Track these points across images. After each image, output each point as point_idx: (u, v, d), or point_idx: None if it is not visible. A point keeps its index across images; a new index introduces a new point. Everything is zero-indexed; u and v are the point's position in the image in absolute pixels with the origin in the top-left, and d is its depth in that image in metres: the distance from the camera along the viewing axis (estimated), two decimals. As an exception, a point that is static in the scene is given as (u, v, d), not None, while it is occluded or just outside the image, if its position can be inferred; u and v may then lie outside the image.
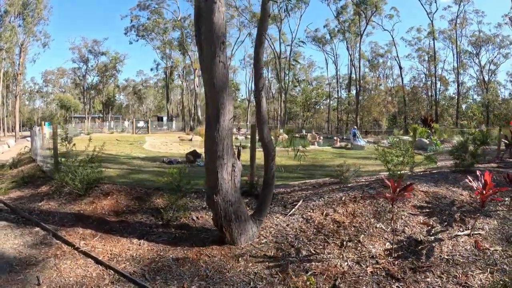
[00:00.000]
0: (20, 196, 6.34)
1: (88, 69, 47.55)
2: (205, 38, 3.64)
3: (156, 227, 4.67)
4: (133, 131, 26.92)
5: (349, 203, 4.82)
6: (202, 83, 50.62)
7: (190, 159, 10.28)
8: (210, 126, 3.70)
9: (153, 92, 76.78)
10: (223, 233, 3.88)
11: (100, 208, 5.25)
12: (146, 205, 5.40)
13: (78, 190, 5.63)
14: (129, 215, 5.03)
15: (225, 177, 3.73)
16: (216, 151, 3.66)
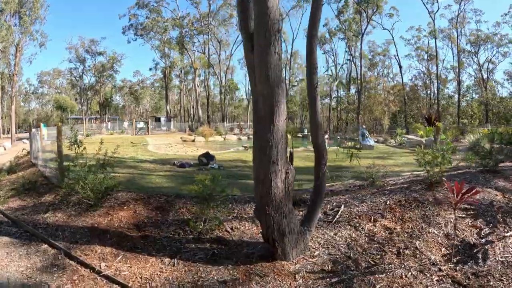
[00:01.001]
0: (21, 206, 5.62)
1: (85, 69, 46.49)
2: (258, 25, 3.18)
3: (187, 242, 4.03)
4: (133, 132, 26.11)
5: (396, 208, 4.56)
6: (199, 83, 50.12)
7: (203, 161, 9.61)
8: (261, 127, 3.26)
9: (149, 92, 75.83)
10: (275, 247, 3.42)
11: (117, 221, 4.56)
12: (170, 216, 4.75)
13: (89, 200, 4.94)
14: (153, 228, 4.37)
15: (279, 185, 3.29)
16: (269, 155, 3.21)
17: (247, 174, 8.73)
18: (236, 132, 35.81)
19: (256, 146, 3.37)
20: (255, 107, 3.36)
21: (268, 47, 3.13)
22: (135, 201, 5.23)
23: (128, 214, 4.75)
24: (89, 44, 44.97)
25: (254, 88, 3.38)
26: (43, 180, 6.90)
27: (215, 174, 4.44)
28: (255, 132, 3.37)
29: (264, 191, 3.29)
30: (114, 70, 47.94)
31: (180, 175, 8.01)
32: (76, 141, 5.22)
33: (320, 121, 4.08)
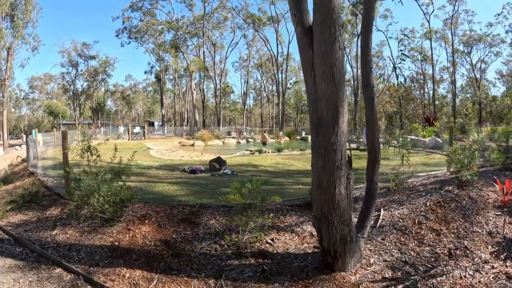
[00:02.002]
0: (23, 221, 4.97)
1: (78, 73, 45.31)
2: (321, 18, 2.95)
3: (228, 258, 3.51)
4: (129, 137, 25.30)
5: (436, 209, 4.52)
6: (195, 86, 49.45)
7: (215, 167, 9.04)
8: (323, 130, 3.05)
9: (142, 97, 74.95)
10: (336, 258, 3.19)
11: (141, 237, 3.96)
12: (200, 229, 4.20)
13: (104, 214, 4.34)
14: (184, 244, 3.81)
15: (342, 192, 3.10)
16: (333, 160, 3.02)
17: (266, 180, 8.21)
18: (234, 136, 35.27)
19: (316, 150, 3.14)
20: (314, 107, 3.10)
21: (333, 43, 2.92)
22: (156, 213, 4.64)
23: (152, 229, 4.16)
24: (82, 48, 43.91)
25: (312, 88, 3.10)
26: (45, 191, 6.23)
27: (255, 182, 3.89)
28: (315, 135, 3.12)
29: (327, 198, 3.09)
30: (107, 74, 46.95)
31: (195, 182, 7.44)
32: (90, 148, 4.59)
33: (377, 122, 3.84)
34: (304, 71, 3.22)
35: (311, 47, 3.04)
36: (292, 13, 3.22)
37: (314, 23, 3.00)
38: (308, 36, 3.06)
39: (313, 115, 3.15)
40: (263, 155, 14.72)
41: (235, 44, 51.00)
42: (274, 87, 60.40)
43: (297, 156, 14.55)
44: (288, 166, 11.31)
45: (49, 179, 6.76)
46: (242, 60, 58.53)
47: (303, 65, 3.22)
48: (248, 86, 60.11)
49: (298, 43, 3.22)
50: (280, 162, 12.23)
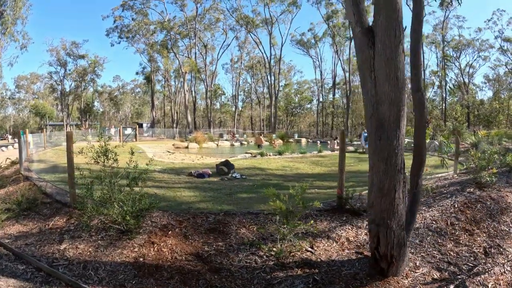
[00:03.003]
0: (22, 233, 4.36)
1: (66, 73, 43.68)
2: (386, 20, 2.89)
3: (272, 270, 3.22)
4: (120, 139, 24.37)
5: (465, 210, 4.62)
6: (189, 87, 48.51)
7: (223, 170, 8.55)
8: (385, 133, 2.98)
9: (130, 98, 73.43)
10: (392, 263, 3.12)
11: (168, 251, 3.46)
12: (232, 239, 3.81)
13: (121, 225, 3.81)
14: (220, 257, 3.40)
15: (400, 196, 3.09)
16: (395, 164, 3.00)
17: (278, 184, 7.83)
18: (228, 138, 34.72)
19: (378, 154, 3.06)
20: (373, 110, 3.04)
21: (398, 46, 2.89)
22: (178, 223, 4.14)
23: (179, 241, 3.68)
24: (71, 47, 42.42)
25: (371, 89, 3.04)
26: (44, 198, 5.60)
27: (299, 187, 3.48)
28: (377, 138, 3.04)
29: (387, 203, 3.04)
30: (96, 74, 45.54)
31: (207, 187, 6.97)
32: (106, 152, 4.04)
33: (426, 126, 3.77)
34: (362, 72, 3.14)
35: (372, 48, 2.98)
36: (349, 12, 3.15)
37: (378, 25, 2.93)
38: (368, 37, 3.00)
39: (371, 118, 3.06)
40: (266, 158, 14.31)
41: (227, 46, 50.55)
42: (264, 89, 60.35)
43: (300, 159, 14.25)
44: (295, 169, 10.98)
45: (47, 185, 6.11)
46: (232, 62, 58.05)
47: (361, 66, 3.13)
48: (238, 88, 59.54)
49: (356, 43, 3.16)
50: (285, 165, 11.87)
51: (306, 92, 65.98)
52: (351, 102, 46.87)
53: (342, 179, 5.27)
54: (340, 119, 55.91)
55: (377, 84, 2.97)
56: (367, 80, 3.07)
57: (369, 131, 3.14)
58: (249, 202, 5.70)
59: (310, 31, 49.42)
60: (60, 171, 8.31)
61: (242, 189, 7.10)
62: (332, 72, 51.87)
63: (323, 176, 9.94)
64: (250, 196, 6.29)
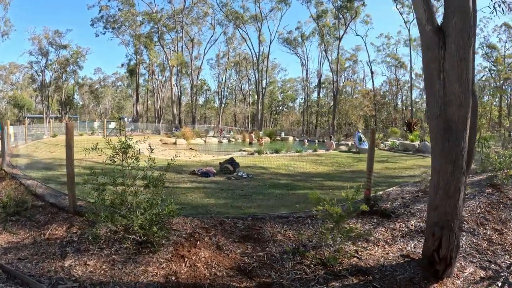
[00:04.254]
0: (12, 244, 3.61)
1: (48, 63, 41.00)
2: (460, 21, 2.86)
3: (325, 281, 2.87)
4: (104, 133, 23.13)
5: (491, 210, 4.61)
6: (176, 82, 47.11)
7: (228, 169, 7.96)
8: (454, 135, 2.95)
9: (111, 91, 70.85)
10: (449, 265, 3.11)
11: (203, 266, 2.90)
12: (271, 247, 3.40)
13: (135, 234, 3.19)
14: (265, 269, 2.96)
15: (461, 197, 3.07)
16: (461, 167, 2.98)
17: (289, 184, 7.47)
18: (215, 135, 33.91)
19: (446, 156, 3.01)
20: (441, 111, 2.98)
21: (470, 47, 2.89)
22: (205, 230, 3.59)
23: (212, 253, 3.14)
24: (54, 36, 39.84)
25: (439, 90, 2.97)
26: (35, 200, 4.81)
27: (357, 189, 3.06)
28: (445, 140, 2.99)
29: (452, 205, 3.04)
30: (78, 65, 43.16)
31: (216, 188, 6.43)
32: (128, 148, 3.39)
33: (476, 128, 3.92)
34: (429, 72, 3.05)
35: (443, 48, 2.91)
36: (419, 10, 3.09)
37: (451, 26, 2.89)
38: (439, 36, 2.94)
39: (438, 119, 3.00)
40: (264, 156, 13.82)
41: (214, 40, 49.48)
42: (248, 86, 59.77)
43: (299, 158, 13.90)
44: (298, 168, 10.62)
45: (37, 184, 5.30)
46: (218, 57, 57.04)
47: (428, 65, 3.06)
48: (223, 85, 58.59)
49: (424, 41, 3.09)
50: (286, 164, 11.46)
51: (290, 91, 66.08)
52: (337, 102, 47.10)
53: (370, 180, 5.11)
54: (324, 118, 56.21)
55: (446, 85, 2.91)
56: (435, 80, 2.99)
57: (434, 132, 3.06)
58: (270, 204, 5.30)
59: (297, 30, 49.29)
60: (48, 168, 7.46)
61: (255, 189, 6.60)
62: (318, 71, 52.05)
63: (329, 176, 9.60)
64: (267, 198, 5.87)
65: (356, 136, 20.51)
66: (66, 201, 4.59)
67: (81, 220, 3.92)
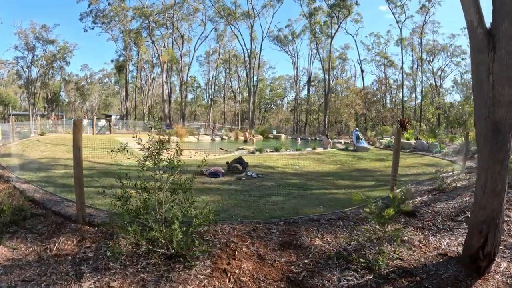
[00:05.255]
0: (13, 262, 3.06)
1: (34, 59, 39.21)
2: (510, 25, 2.90)
3: (378, 286, 2.74)
4: (93, 131, 22.21)
5: (510, 207, 4.50)
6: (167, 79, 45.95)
7: (237, 169, 7.50)
8: (501, 136, 3.03)
9: (98, 88, 68.93)
10: (492, 261, 3.18)
11: (250, 280, 2.59)
12: (314, 254, 3.19)
13: (164, 248, 2.72)
14: (316, 279, 2.73)
15: (505, 196, 3.19)
16: (506, 166, 3.05)
17: (302, 184, 7.31)
18: (207, 133, 33.23)
19: (494, 156, 3.10)
20: (489, 112, 3.06)
21: None
22: (240, 239, 3.27)
23: (256, 265, 2.82)
24: (41, 31, 38.09)
25: (488, 92, 3.05)
26: (33, 207, 4.22)
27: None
28: (493, 141, 3.07)
29: (497, 203, 3.13)
30: (66, 61, 41.50)
31: (230, 189, 6.09)
32: (162, 147, 2.91)
33: None
34: (477, 74, 3.14)
35: (493, 51, 2.98)
36: (470, 13, 3.13)
37: (501, 30, 2.94)
38: (489, 40, 3.00)
39: (486, 120, 3.09)
40: (265, 154, 13.44)
41: (205, 37, 48.59)
42: (239, 84, 59.16)
43: (300, 156, 13.66)
44: (303, 167, 10.42)
45: (35, 189, 4.70)
46: (207, 54, 56.15)
47: (477, 67, 3.14)
48: (212, 82, 57.80)
49: (474, 43, 3.16)
50: (291, 162, 11.17)
51: (279, 89, 65.93)
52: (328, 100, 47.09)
53: (395, 179, 5.13)
54: (314, 116, 56.24)
55: (495, 87, 2.99)
56: (484, 82, 3.07)
57: (482, 133, 3.13)
58: (292, 205, 5.05)
59: (287, 27, 48.96)
60: (42, 169, 6.82)
61: (270, 190, 6.29)
62: (308, 69, 51.97)
63: (338, 175, 9.34)
64: (286, 199, 5.59)
65: (353, 135, 20.40)
66: (71, 209, 4.06)
67: (93, 231, 3.40)
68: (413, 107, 50.86)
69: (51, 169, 6.99)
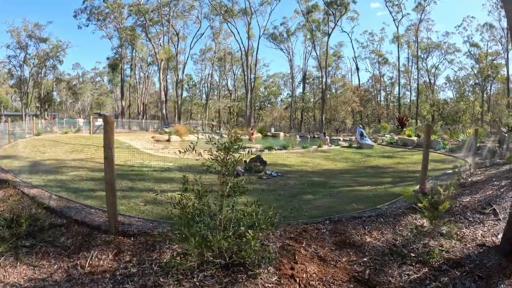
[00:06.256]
0: (36, 281, 2.61)
1: (26, 58, 37.97)
2: None
3: (435, 277, 2.70)
4: (90, 131, 21.49)
5: None
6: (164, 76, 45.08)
7: (258, 168, 7.09)
8: None
9: (90, 87, 67.58)
10: None
11: (320, 284, 2.41)
12: (369, 251, 3.10)
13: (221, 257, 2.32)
14: (380, 276, 2.66)
15: None
16: None
17: (325, 182, 7.07)
18: (206, 131, 32.70)
19: None
20: None
21: None
22: (294, 241, 3.15)
23: (321, 267, 2.69)
24: (33, 28, 36.90)
25: None
26: (49, 216, 3.73)
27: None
28: None
29: None
30: (59, 60, 40.35)
31: (257, 188, 5.80)
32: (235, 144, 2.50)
33: None
34: None
35: None
36: None
37: None
38: None
39: None
40: (274, 152, 13.10)
41: (201, 35, 47.85)
42: (234, 82, 58.62)
43: (308, 154, 13.53)
44: (317, 165, 10.33)
45: (50, 195, 4.19)
46: (201, 52, 55.41)
47: None
48: (209, 80, 57.09)
49: None
50: (304, 160, 10.97)
51: (274, 86, 65.63)
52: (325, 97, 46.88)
53: (425, 176, 5.18)
54: (310, 113, 55.94)
55: None
56: None
57: None
58: (326, 204, 4.99)
59: (282, 25, 48.47)
60: (48, 171, 6.30)
61: (296, 189, 6.09)
62: (303, 67, 51.68)
63: (355, 173, 9.11)
64: (316, 198, 5.48)
65: (357, 132, 20.22)
66: (95, 217, 3.58)
67: (130, 243, 2.95)
68: (407, 104, 50.94)
69: (58, 171, 6.46)
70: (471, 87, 50.88)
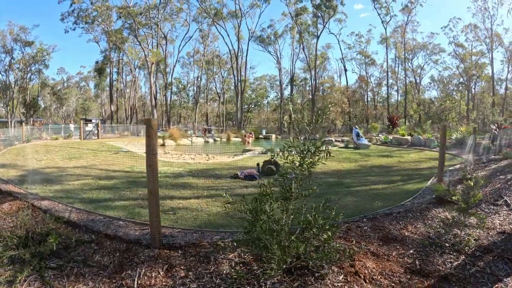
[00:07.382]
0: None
1: (12, 62, 36.38)
2: None
3: (472, 263, 2.85)
4: (81, 136, 20.69)
5: None
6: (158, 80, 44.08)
7: (271, 170, 6.83)
8: None
9: (75, 92, 65.82)
10: None
11: (382, 278, 2.46)
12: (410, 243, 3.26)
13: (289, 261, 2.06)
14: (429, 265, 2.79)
15: None
16: None
17: (339, 182, 7.20)
18: (199, 135, 32.19)
19: None
20: None
21: None
22: (343, 239, 3.23)
23: (377, 262, 2.75)
24: (19, 32, 35.47)
25: None
26: (73, 231, 3.34)
27: None
28: None
29: None
30: (45, 64, 38.92)
31: (278, 191, 5.36)
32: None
33: None
34: None
35: None
36: None
37: None
38: None
39: None
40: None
41: (189, 38, 47.33)
42: (221, 84, 58.20)
43: (311, 155, 13.04)
44: (323, 166, 9.70)
45: (71, 209, 3.78)
46: (188, 56, 54.85)
47: None
48: (198, 82, 56.44)
49: None
50: (309, 162, 10.55)
51: (262, 89, 65.72)
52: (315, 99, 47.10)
53: (442, 173, 5.47)
54: (299, 115, 56.01)
55: None
56: None
57: None
58: (352, 203, 5.11)
59: (270, 28, 48.46)
60: (51, 180, 5.86)
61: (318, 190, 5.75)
62: (290, 69, 51.74)
63: (363, 172, 9.20)
64: (339, 197, 5.57)
65: (353, 132, 20.28)
66: (128, 230, 3.23)
67: (178, 256, 2.63)
68: (395, 104, 51.79)
69: (63, 180, 5.99)
70: (456, 86, 52.28)
